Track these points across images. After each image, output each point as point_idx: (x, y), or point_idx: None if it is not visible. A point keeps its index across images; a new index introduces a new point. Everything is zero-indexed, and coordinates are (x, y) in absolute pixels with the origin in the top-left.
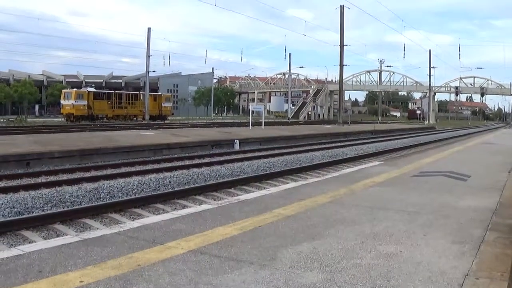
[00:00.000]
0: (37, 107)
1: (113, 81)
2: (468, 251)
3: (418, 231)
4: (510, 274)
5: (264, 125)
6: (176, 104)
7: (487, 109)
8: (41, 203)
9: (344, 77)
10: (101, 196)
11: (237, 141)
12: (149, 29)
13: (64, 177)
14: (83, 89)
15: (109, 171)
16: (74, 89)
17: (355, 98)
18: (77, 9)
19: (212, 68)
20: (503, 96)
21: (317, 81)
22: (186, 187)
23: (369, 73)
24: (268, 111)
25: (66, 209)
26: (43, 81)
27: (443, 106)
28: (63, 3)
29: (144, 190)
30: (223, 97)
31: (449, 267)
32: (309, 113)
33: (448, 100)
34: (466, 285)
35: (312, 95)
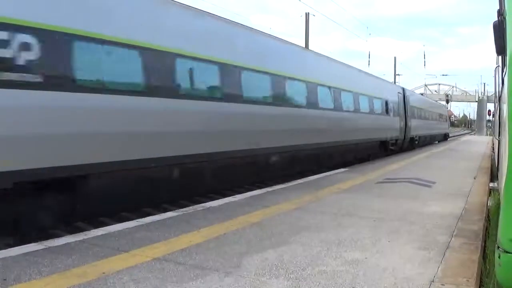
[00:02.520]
0: None
1: None
2: (433, 257)
3: (383, 237)
4: (476, 279)
5: None
6: None
7: (452, 116)
8: None
9: None
10: None
11: None
12: None
13: None
14: None
15: None
16: None
17: None
18: None
19: None
20: (468, 102)
21: None
22: None
23: None
24: None
25: None
26: None
27: None
28: None
29: None
30: None
31: (415, 274)
32: None
33: None
34: None
35: None
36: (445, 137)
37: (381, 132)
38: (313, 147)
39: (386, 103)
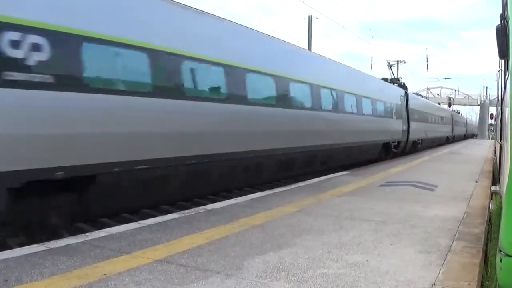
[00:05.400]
0: None
1: None
2: (435, 260)
3: (385, 240)
4: (477, 283)
5: None
6: None
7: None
8: None
9: None
10: None
11: None
12: None
13: None
14: None
15: None
16: None
17: None
18: None
19: None
20: (471, 106)
21: None
22: None
23: None
24: None
25: None
26: None
27: None
28: None
29: None
30: None
31: (416, 277)
32: None
33: None
34: None
35: None
36: (447, 140)
37: (385, 134)
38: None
39: (389, 105)
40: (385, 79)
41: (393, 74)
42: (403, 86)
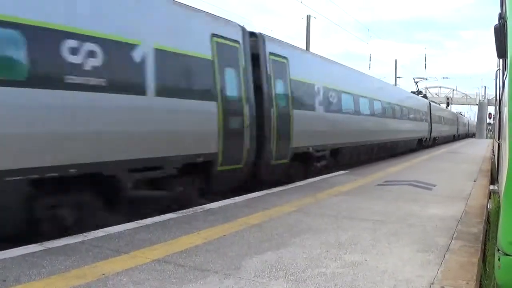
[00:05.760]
0: None
1: None
2: (433, 259)
3: (383, 239)
4: (476, 282)
5: None
6: None
7: None
8: None
9: None
10: None
11: None
12: None
13: None
14: None
15: None
16: None
17: None
18: None
19: None
20: (469, 106)
21: None
22: None
23: None
24: None
25: None
26: None
27: None
28: None
29: None
30: None
31: (415, 276)
32: None
33: None
34: None
35: None
36: (454, 137)
37: (419, 133)
38: (390, 142)
39: (421, 112)
40: (413, 92)
41: (418, 87)
42: (425, 96)
